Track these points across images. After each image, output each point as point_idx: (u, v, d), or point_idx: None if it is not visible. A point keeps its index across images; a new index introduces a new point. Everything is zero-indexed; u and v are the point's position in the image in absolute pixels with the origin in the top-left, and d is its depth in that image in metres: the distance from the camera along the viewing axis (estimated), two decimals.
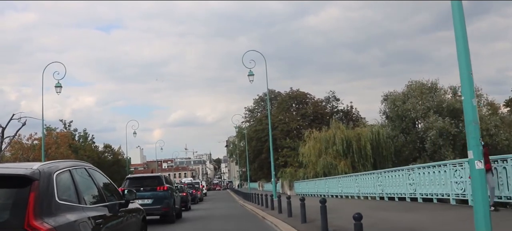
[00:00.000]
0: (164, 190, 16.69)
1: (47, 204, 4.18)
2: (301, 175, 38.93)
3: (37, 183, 4.15)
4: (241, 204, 31.89)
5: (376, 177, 20.54)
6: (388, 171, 19.69)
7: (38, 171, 4.30)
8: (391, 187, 18.72)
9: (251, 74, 31.46)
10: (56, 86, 31.01)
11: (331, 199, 25.10)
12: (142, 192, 15.90)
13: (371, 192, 21.16)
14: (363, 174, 22.83)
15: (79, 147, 48.39)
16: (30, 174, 4.20)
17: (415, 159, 39.38)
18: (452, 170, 14.15)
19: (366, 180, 21.83)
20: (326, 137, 37.94)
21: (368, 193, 21.60)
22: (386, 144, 38.38)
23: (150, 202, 15.98)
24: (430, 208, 14.05)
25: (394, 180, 18.39)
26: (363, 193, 22.31)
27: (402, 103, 41.25)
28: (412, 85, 43.20)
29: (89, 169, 5.78)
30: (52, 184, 4.38)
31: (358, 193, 23.19)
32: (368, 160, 37.22)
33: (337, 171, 36.35)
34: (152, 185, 16.85)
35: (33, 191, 4.07)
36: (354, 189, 23.81)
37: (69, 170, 5.01)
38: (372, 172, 21.96)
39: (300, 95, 66.53)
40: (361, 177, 22.74)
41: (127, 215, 6.44)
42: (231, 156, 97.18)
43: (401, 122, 41.32)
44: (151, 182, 17.21)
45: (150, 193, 16.34)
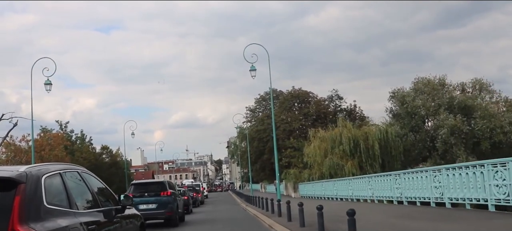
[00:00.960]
0: (167, 195, 17.17)
1: (35, 208, 3.99)
2: (306, 176, 36.74)
3: (23, 186, 3.97)
4: (244, 208, 29.77)
5: (393, 179, 18.35)
6: (408, 172, 17.49)
7: (24, 173, 4.11)
8: (412, 190, 16.53)
9: (253, 69, 29.32)
10: (45, 84, 29.03)
11: (342, 203, 22.91)
12: (146, 197, 16.77)
13: (388, 195, 18.98)
14: (378, 176, 20.61)
15: (75, 149, 46.22)
16: (15, 177, 4.01)
17: (425, 159, 37.29)
18: (492, 171, 11.96)
19: (382, 182, 19.63)
20: (332, 136, 35.75)
21: (383, 197, 19.41)
22: (395, 143, 36.16)
23: (154, 206, 16.67)
24: (466, 216, 11.87)
25: (416, 183, 16.19)
26: (378, 197, 20.12)
27: (411, 100, 39.13)
28: (419, 82, 41.08)
29: (82, 173, 5.47)
30: (40, 188, 4.16)
31: (371, 196, 20.99)
32: (376, 160, 35.02)
33: (344, 172, 34.19)
34: (156, 190, 17.39)
35: (18, 194, 3.89)
36: (367, 192, 21.62)
37: (60, 173, 4.76)
38: (388, 173, 19.72)
39: (302, 94, 64.38)
40: (376, 178, 20.53)
41: (123, 221, 6.14)
42: (232, 156, 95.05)
43: (410, 119, 39.18)
44: (155, 187, 17.77)
45: (154, 198, 16.91)
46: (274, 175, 62.00)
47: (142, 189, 17.63)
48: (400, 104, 40.76)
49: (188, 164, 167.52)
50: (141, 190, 17.43)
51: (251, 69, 29.26)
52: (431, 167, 16.37)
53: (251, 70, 29.19)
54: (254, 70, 29.22)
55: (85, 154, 45.18)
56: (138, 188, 17.68)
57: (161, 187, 17.72)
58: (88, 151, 45.97)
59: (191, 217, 24.16)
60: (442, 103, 38.21)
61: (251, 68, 29.18)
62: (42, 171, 4.39)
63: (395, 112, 41.28)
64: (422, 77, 41.56)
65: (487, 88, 39.92)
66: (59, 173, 4.74)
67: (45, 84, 28.86)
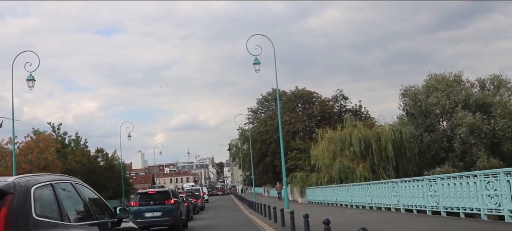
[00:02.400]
0: (171, 204, 18.03)
1: (23, 220, 3.83)
2: (314, 180, 33.50)
3: (10, 197, 3.82)
4: (247, 215, 26.63)
5: (426, 184, 15.18)
6: (446, 177, 14.32)
7: (12, 184, 3.95)
8: (453, 199, 13.38)
9: (257, 62, 26.18)
10: (28, 80, 25.90)
11: (362, 212, 19.76)
12: (152, 206, 17.84)
13: (419, 204, 15.81)
14: (406, 181, 17.38)
15: (68, 152, 43.08)
16: (2, 187, 3.85)
17: (442, 161, 34.04)
18: None
19: (412, 189, 16.42)
20: (342, 136, 32.56)
21: (413, 205, 16.23)
22: (409, 144, 32.97)
23: (159, 214, 17.59)
24: None
25: (459, 190, 13.05)
26: (405, 205, 16.94)
27: (425, 97, 35.95)
28: (431, 79, 37.88)
29: (76, 184, 5.27)
30: (29, 199, 3.98)
31: (397, 204, 17.82)
32: (390, 162, 31.82)
33: (355, 176, 31.01)
34: (161, 199, 18.24)
35: (5, 205, 3.75)
36: (390, 199, 18.45)
37: (51, 184, 4.57)
38: (421, 178, 16.52)
39: (306, 94, 61.30)
40: (402, 184, 17.32)
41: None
42: (233, 159, 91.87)
43: (425, 119, 35.98)
44: (160, 196, 18.67)
45: (159, 206, 17.80)
46: (278, 178, 59.15)
47: (148, 198, 18.58)
48: (412, 103, 37.58)
49: (189, 167, 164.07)
50: (146, 199, 18.42)
51: (254, 62, 26.16)
52: (482, 171, 13.20)
53: (255, 63, 26.10)
54: (258, 63, 26.12)
55: (78, 157, 42.01)
56: (144, 197, 18.64)
57: (166, 196, 18.60)
58: (81, 154, 42.75)
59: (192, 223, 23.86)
60: (458, 101, 35.03)
61: (255, 61, 26.09)
62: (32, 182, 4.25)
63: (408, 111, 38.07)
64: (435, 74, 38.42)
65: (506, 85, 36.70)
66: (51, 183, 4.58)
67: (27, 80, 25.70)
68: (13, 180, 4.04)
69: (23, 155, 34.57)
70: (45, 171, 35.59)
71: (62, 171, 38.94)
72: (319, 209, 25.64)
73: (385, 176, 31.74)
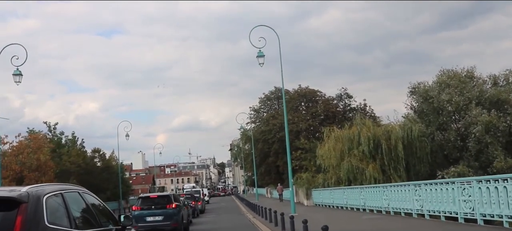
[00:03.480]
0: (173, 208, 17.97)
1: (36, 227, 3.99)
2: (321, 181, 31.37)
3: (25, 206, 3.99)
4: (250, 219, 24.57)
5: (458, 188, 13.08)
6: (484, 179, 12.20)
7: (26, 193, 4.14)
8: (494, 205, 11.29)
9: (261, 55, 24.07)
10: (14, 75, 23.85)
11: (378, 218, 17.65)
12: (153, 210, 17.77)
13: (448, 210, 13.69)
14: (430, 184, 15.26)
15: (63, 152, 40.99)
16: (17, 197, 4.05)
17: (456, 161, 31.87)
18: None
19: (438, 192, 14.30)
20: (350, 135, 30.47)
21: (441, 211, 14.11)
22: (421, 143, 30.87)
23: (161, 219, 17.50)
24: None
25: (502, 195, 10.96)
26: (431, 211, 14.82)
27: (437, 94, 33.79)
28: (443, 75, 35.74)
29: (83, 193, 5.48)
30: (41, 207, 4.16)
31: (420, 210, 15.70)
32: (400, 162, 29.77)
33: (364, 177, 28.95)
34: (163, 203, 18.13)
35: (20, 214, 3.92)
36: (411, 204, 16.32)
37: (61, 193, 4.78)
38: (451, 180, 14.36)
39: (309, 93, 59.20)
40: (428, 187, 15.20)
41: None
42: (235, 159, 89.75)
43: (437, 116, 33.81)
44: (162, 200, 18.44)
45: (160, 210, 17.72)
46: (280, 178, 57.08)
47: (149, 202, 18.43)
48: (422, 100, 35.42)
49: (191, 167, 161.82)
50: (148, 203, 18.32)
51: (258, 55, 24.08)
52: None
53: (259, 56, 24.01)
54: (262, 56, 24.04)
55: (73, 157, 39.89)
56: (146, 201, 18.55)
57: (167, 200, 18.37)
58: (77, 154, 40.62)
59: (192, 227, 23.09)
60: (472, 97, 32.87)
61: (259, 54, 24.00)
62: (43, 191, 4.40)
63: (416, 109, 35.91)
64: (446, 70, 36.25)
65: None
66: (61, 193, 4.77)
67: (14, 75, 23.66)
68: (27, 190, 4.24)
69: (14, 156, 32.53)
70: (37, 172, 33.55)
71: (56, 172, 36.93)
72: (329, 213, 23.55)
73: (396, 177, 29.70)
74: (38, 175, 33.19)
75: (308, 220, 11.69)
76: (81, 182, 40.21)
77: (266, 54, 24.02)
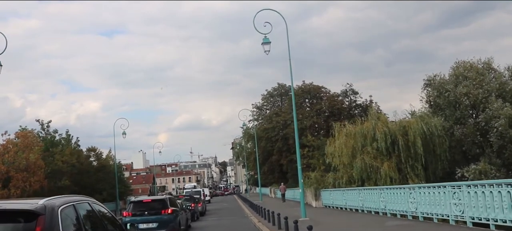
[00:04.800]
0: (169, 213, 16.22)
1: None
2: (331, 181, 28.66)
3: (43, 217, 4.20)
4: (255, 224, 21.92)
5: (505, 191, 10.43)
6: None
7: (43, 205, 4.35)
8: None
9: (267, 42, 21.28)
10: None
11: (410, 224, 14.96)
12: (147, 216, 15.75)
13: (500, 218, 11.02)
14: (474, 185, 12.55)
15: (56, 152, 38.35)
16: (35, 209, 4.24)
17: (475, 157, 29.21)
18: None
19: (486, 197, 11.61)
20: (363, 131, 27.76)
21: (489, 219, 11.43)
22: (440, 139, 28.17)
23: (155, 226, 15.66)
24: None
25: None
26: (474, 217, 12.13)
27: (453, 86, 31.14)
28: (459, 67, 33.09)
29: (93, 204, 5.72)
30: (56, 219, 4.36)
31: (460, 217, 13.00)
32: (419, 160, 27.01)
33: (379, 176, 26.20)
34: (157, 208, 16.28)
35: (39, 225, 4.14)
36: (447, 208, 13.60)
37: (74, 204, 5.01)
38: (496, 182, 11.63)
39: (314, 89, 56.60)
40: (471, 190, 12.49)
41: None
42: (237, 158, 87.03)
43: (454, 110, 31.16)
44: (156, 205, 16.57)
45: (155, 217, 15.85)
46: (284, 177, 54.37)
47: (142, 207, 16.48)
48: (437, 93, 32.78)
49: (192, 166, 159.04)
50: (141, 208, 16.37)
51: (263, 42, 21.36)
52: None
53: (264, 43, 21.29)
54: (268, 43, 21.30)
55: (66, 156, 37.24)
56: (138, 206, 16.56)
57: (162, 205, 16.45)
58: (70, 153, 37.92)
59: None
60: (491, 90, 30.22)
61: (264, 40, 21.27)
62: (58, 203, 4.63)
63: (432, 102, 33.24)
64: (462, 61, 33.59)
65: None
66: (73, 204, 5.01)
67: None
68: (44, 202, 4.46)
69: (0, 155, 29.94)
70: (25, 173, 30.92)
71: (47, 172, 34.33)
72: (343, 217, 20.87)
73: (413, 175, 26.96)
74: (27, 175, 30.57)
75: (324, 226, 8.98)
76: (75, 182, 37.59)
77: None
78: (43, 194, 33.25)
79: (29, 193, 31.02)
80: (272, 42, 21.30)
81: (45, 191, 33.18)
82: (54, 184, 35.24)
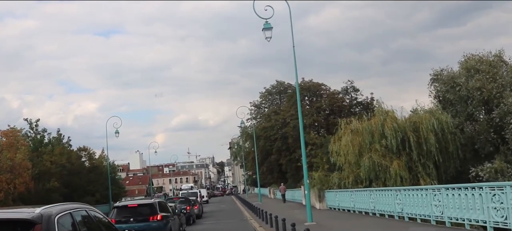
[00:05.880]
0: (158, 220, 13.79)
1: None
2: (336, 181, 26.51)
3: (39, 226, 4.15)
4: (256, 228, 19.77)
5: None
6: None
7: (40, 214, 4.30)
8: None
9: (268, 28, 19.13)
10: None
11: None
12: (132, 223, 13.31)
13: None
14: None
15: (45, 151, 36.08)
16: (32, 218, 4.20)
17: (489, 155, 27.11)
18: None
19: None
20: (371, 127, 25.67)
21: None
22: (452, 136, 26.12)
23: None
24: None
25: None
26: None
27: (465, 80, 29.08)
28: (470, 60, 31.00)
29: (89, 211, 5.64)
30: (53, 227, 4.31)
31: (502, 223, 10.87)
32: (431, 158, 24.99)
33: (388, 175, 24.18)
34: (144, 214, 13.89)
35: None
36: (485, 213, 11.46)
37: (70, 212, 4.94)
38: None
39: (313, 86, 54.44)
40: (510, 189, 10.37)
41: None
42: (235, 158, 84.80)
43: (466, 106, 29.10)
44: (143, 210, 14.15)
45: (142, 224, 13.39)
46: (283, 178, 52.14)
47: (127, 213, 14.08)
48: (445, 88, 30.70)
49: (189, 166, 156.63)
50: (126, 214, 13.92)
51: (264, 28, 19.21)
52: None
53: (265, 29, 19.14)
54: (270, 29, 19.13)
55: (55, 157, 34.95)
56: (122, 212, 14.06)
57: (151, 210, 14.13)
58: (60, 154, 35.61)
59: None
60: (506, 84, 28.17)
61: (265, 26, 19.12)
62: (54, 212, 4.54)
63: (441, 97, 31.13)
64: (472, 54, 31.53)
65: None
66: (70, 212, 4.91)
67: None
68: (40, 211, 4.38)
69: None
70: (10, 174, 28.70)
71: (34, 173, 32.06)
72: (355, 221, 18.66)
73: (425, 175, 24.92)
74: (11, 177, 28.29)
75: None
76: (65, 184, 35.27)
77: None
78: (30, 197, 30.96)
79: (14, 195, 28.81)
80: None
81: (31, 193, 30.97)
82: (42, 186, 32.99)
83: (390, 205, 17.65)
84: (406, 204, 16.22)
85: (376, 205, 19.19)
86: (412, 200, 15.78)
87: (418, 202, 15.29)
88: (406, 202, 16.27)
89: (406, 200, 16.24)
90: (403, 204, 16.50)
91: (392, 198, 17.51)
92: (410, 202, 15.95)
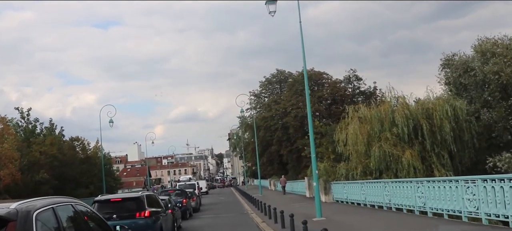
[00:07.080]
0: (146, 217, 12.04)
1: None
2: (343, 172, 24.44)
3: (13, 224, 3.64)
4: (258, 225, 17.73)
5: None
6: None
7: (15, 210, 3.80)
8: None
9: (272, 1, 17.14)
10: None
11: None
12: (115, 220, 11.15)
13: None
14: None
15: (35, 142, 33.94)
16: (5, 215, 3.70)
17: (508, 145, 25.02)
18: None
19: None
20: (380, 115, 23.59)
21: None
22: (467, 124, 24.06)
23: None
24: None
25: None
26: None
27: (480, 64, 26.92)
28: (485, 43, 28.80)
29: (76, 205, 4.98)
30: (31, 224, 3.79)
31: None
32: (445, 148, 22.95)
33: (400, 166, 22.18)
34: (130, 210, 12.08)
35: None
36: None
37: (53, 207, 4.36)
38: None
39: (315, 75, 52.22)
40: None
41: None
42: (234, 149, 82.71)
43: (482, 91, 26.96)
44: (129, 205, 12.31)
45: (127, 221, 11.11)
46: (284, 169, 50.15)
47: (110, 208, 11.98)
48: (461, 72, 28.53)
49: (188, 158, 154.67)
50: (109, 210, 11.71)
51: (267, 1, 17.09)
52: None
53: (268, 2, 16.97)
54: (274, 2, 17.01)
55: (46, 147, 32.82)
56: (105, 207, 11.89)
57: (137, 205, 12.24)
58: (50, 144, 33.46)
59: None
60: None
61: None
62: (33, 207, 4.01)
63: (453, 83, 28.97)
64: (487, 37, 29.31)
65: None
66: (52, 207, 4.36)
67: None
68: (16, 206, 3.86)
69: None
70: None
71: (23, 164, 29.97)
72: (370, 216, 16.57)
73: (439, 165, 22.90)
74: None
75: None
76: (55, 175, 33.09)
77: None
78: (17, 189, 28.85)
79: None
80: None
81: (19, 186, 28.90)
82: (31, 177, 30.88)
83: (409, 199, 15.56)
84: (429, 197, 14.12)
85: (392, 198, 17.12)
86: (437, 193, 13.68)
87: (445, 195, 13.19)
88: (429, 195, 14.16)
89: (429, 193, 14.14)
90: (425, 197, 14.40)
91: (411, 190, 15.42)
92: (434, 195, 13.86)
